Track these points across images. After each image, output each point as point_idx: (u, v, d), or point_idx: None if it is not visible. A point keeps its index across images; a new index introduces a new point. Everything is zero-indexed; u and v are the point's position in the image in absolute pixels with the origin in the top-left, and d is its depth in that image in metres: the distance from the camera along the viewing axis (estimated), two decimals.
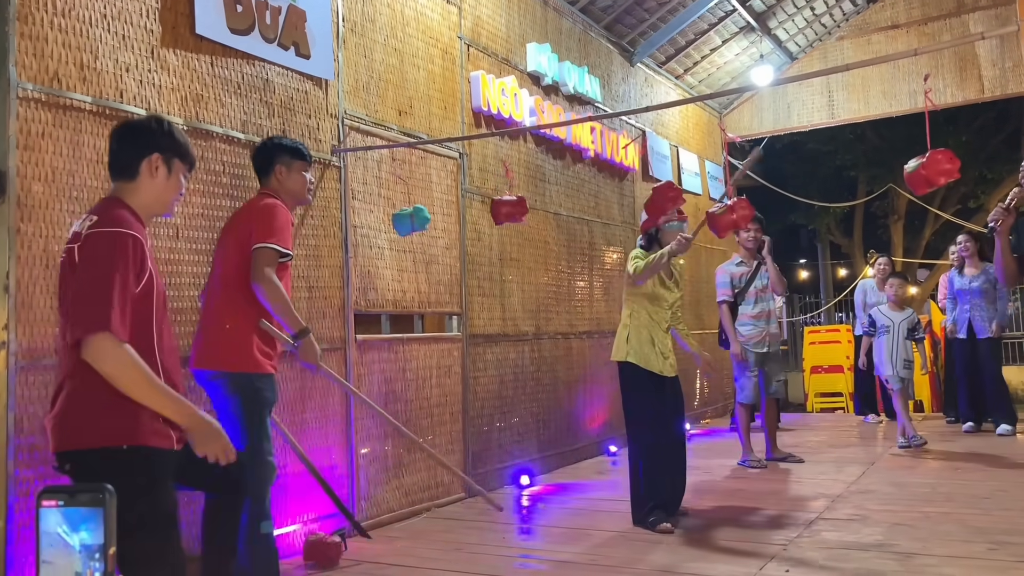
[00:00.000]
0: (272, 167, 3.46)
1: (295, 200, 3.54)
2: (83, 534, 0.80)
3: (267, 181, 3.49)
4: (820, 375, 11.72)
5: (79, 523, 0.80)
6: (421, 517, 4.79)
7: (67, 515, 0.80)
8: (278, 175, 3.46)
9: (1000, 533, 3.87)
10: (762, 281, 6.18)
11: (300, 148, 3.56)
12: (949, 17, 9.07)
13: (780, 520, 4.35)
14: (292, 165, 3.47)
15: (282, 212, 3.31)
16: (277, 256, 3.22)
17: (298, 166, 3.49)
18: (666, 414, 4.44)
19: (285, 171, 3.46)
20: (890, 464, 5.96)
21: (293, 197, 3.50)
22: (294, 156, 3.49)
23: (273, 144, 3.54)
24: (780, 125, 10.13)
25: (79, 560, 0.79)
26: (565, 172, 6.77)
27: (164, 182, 2.38)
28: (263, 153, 3.53)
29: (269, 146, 3.54)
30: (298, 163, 3.49)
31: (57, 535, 0.79)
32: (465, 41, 5.59)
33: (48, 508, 0.80)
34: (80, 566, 0.79)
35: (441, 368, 5.17)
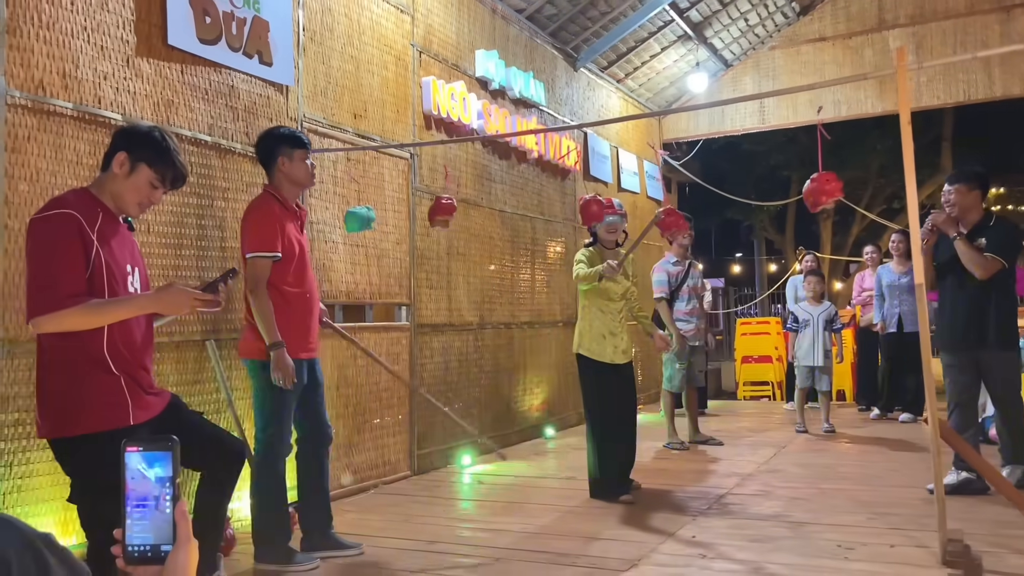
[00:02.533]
0: (275, 159, 3.70)
1: (300, 186, 3.78)
2: (157, 470, 1.18)
3: (272, 173, 3.74)
4: (751, 365, 12.29)
5: (154, 462, 1.18)
6: (369, 493, 5.17)
7: (145, 457, 1.18)
8: (281, 167, 3.69)
9: (881, 506, 4.43)
10: (694, 280, 6.70)
11: (298, 136, 3.78)
12: (871, 32, 9.72)
13: (694, 495, 4.86)
14: (293, 154, 3.69)
15: (257, 215, 3.60)
16: (264, 263, 3.54)
17: (299, 154, 3.71)
18: (618, 398, 4.90)
19: (287, 161, 3.69)
20: (801, 447, 6.54)
21: (298, 184, 3.75)
22: (294, 145, 3.71)
23: (272, 136, 3.77)
24: (715, 129, 10.70)
25: (155, 487, 1.18)
26: (510, 172, 7.18)
27: (124, 180, 2.64)
28: (264, 147, 3.76)
29: (268, 140, 3.76)
30: (298, 151, 3.71)
31: (138, 471, 1.17)
32: (417, 48, 5.95)
33: (131, 452, 1.18)
34: (157, 491, 1.17)
35: (390, 355, 5.55)
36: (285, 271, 3.63)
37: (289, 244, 3.64)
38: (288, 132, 3.83)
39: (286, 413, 3.66)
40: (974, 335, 4.78)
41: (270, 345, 3.53)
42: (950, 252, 4.82)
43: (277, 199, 3.69)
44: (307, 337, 3.74)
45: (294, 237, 3.69)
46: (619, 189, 9.36)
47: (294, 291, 3.67)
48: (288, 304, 3.63)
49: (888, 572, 3.31)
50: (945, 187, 4.90)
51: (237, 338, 4.35)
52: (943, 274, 4.90)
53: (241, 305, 4.37)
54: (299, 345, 3.66)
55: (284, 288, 3.63)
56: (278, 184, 3.73)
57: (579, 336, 4.95)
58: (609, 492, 4.75)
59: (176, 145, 2.74)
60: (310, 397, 3.81)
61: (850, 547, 3.66)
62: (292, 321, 3.64)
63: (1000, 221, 5.06)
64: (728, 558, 3.59)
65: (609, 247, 5.04)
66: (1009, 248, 4.84)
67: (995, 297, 4.76)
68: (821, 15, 9.99)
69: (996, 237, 4.78)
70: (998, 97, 9.33)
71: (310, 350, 3.77)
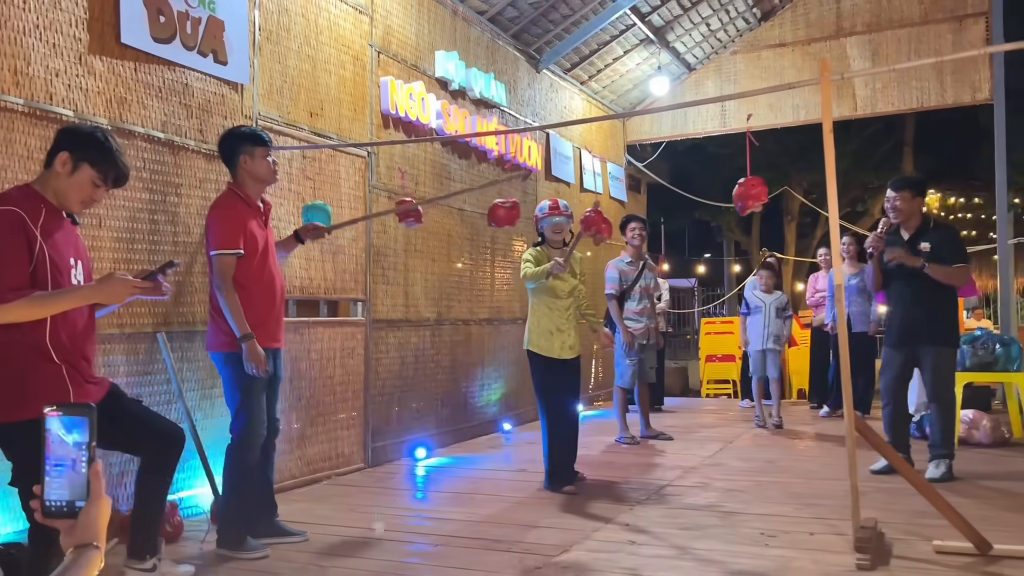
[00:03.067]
0: (237, 158, 3.81)
1: (263, 183, 3.88)
2: (75, 435, 1.31)
3: (234, 172, 3.85)
4: (714, 363, 12.52)
5: (72, 427, 1.31)
6: (321, 484, 5.29)
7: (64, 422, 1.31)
8: (243, 164, 3.80)
9: (812, 497, 4.63)
10: (646, 280, 6.87)
11: (259, 134, 3.90)
12: (829, 39, 9.96)
13: (636, 486, 5.02)
14: (254, 152, 3.80)
15: (220, 213, 3.72)
16: (229, 260, 3.65)
17: (259, 152, 3.82)
18: (564, 392, 5.06)
19: (249, 159, 3.80)
20: (748, 442, 6.74)
21: (261, 181, 3.86)
22: (255, 143, 3.82)
23: (233, 136, 3.88)
24: (677, 131, 10.89)
25: (73, 450, 1.31)
26: (470, 171, 7.31)
27: (67, 179, 2.75)
28: (226, 147, 3.87)
29: (230, 139, 3.86)
30: (259, 149, 3.82)
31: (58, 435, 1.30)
32: (376, 49, 6.06)
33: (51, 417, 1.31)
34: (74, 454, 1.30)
35: (345, 350, 5.66)
36: (248, 266, 3.74)
37: (252, 240, 3.75)
38: (248, 131, 3.95)
39: (257, 401, 3.78)
40: (918, 332, 4.99)
41: (241, 337, 3.65)
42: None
43: (240, 196, 3.80)
44: (272, 328, 3.86)
45: (257, 233, 3.80)
46: (581, 189, 9.52)
47: (258, 285, 3.78)
48: (252, 298, 3.75)
49: (802, 557, 3.48)
50: (889, 193, 5.11)
51: (188, 330, 4.47)
52: (890, 277, 5.12)
53: (192, 298, 4.49)
54: (265, 336, 3.78)
55: (248, 283, 3.75)
56: (241, 181, 3.84)
57: (528, 333, 5.11)
58: (558, 482, 4.91)
59: (118, 145, 2.85)
60: (269, 390, 3.93)
61: (772, 535, 3.84)
62: (258, 314, 3.76)
63: (941, 226, 5.34)
64: (656, 544, 3.75)
65: (556, 247, 5.19)
66: (963, 250, 5.13)
67: (939, 297, 4.96)
68: (781, 21, 10.21)
69: (949, 244, 5.06)
70: (949, 104, 9.60)
71: (276, 340, 3.90)
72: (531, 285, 5.03)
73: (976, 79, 9.30)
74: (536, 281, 4.95)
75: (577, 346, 5.13)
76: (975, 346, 6.03)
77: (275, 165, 3.93)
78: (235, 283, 3.70)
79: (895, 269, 5.06)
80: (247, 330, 3.64)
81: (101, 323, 3.95)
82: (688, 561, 3.49)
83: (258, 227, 3.82)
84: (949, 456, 5.03)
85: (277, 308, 3.92)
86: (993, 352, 6.00)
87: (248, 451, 3.75)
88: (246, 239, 3.72)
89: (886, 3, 9.74)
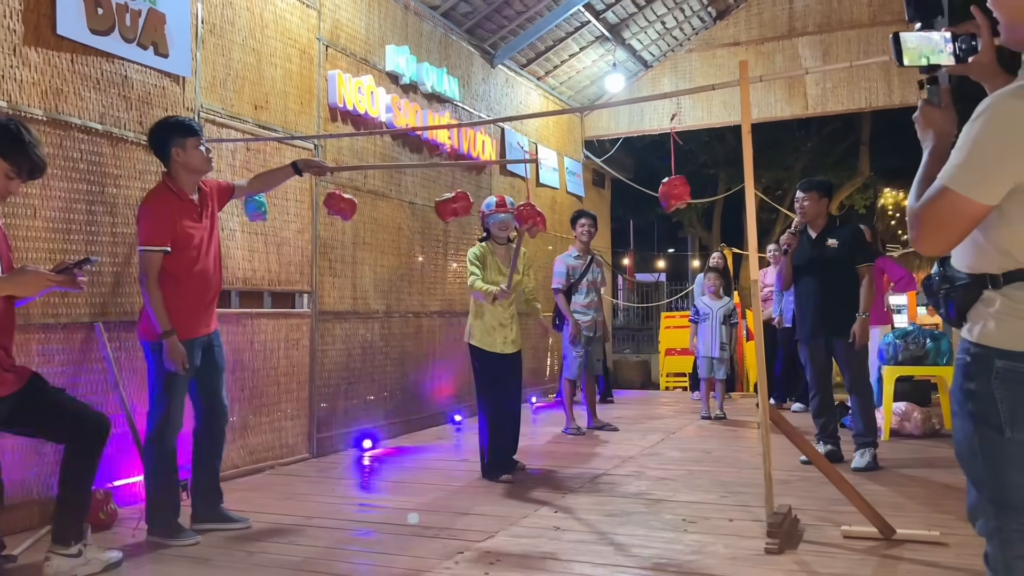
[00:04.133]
0: (168, 150, 3.81)
1: (198, 172, 3.88)
2: None
3: (168, 164, 3.85)
4: (673, 357, 12.69)
5: None
6: (264, 474, 5.35)
7: None
8: (176, 157, 3.81)
9: (738, 486, 4.78)
10: (593, 274, 7.00)
11: (188, 124, 3.89)
12: (782, 39, 10.15)
13: (572, 475, 5.14)
14: (185, 143, 3.80)
15: (148, 210, 3.75)
16: (154, 256, 3.69)
17: (191, 142, 3.81)
18: (505, 385, 5.16)
19: (181, 151, 3.80)
20: (690, 433, 6.90)
21: (195, 171, 3.86)
22: (185, 134, 3.82)
23: (162, 127, 3.87)
24: (634, 127, 11.03)
25: None
26: None
27: None
28: (156, 139, 3.86)
29: (159, 131, 3.86)
30: (190, 139, 3.81)
31: None
32: (324, 42, 6.11)
33: None
34: None
35: (289, 341, 5.72)
36: (180, 259, 3.78)
37: (183, 234, 3.79)
38: (177, 121, 3.95)
39: (177, 393, 3.83)
40: (829, 326, 5.23)
41: (162, 333, 3.70)
42: (807, 255, 5.31)
43: (172, 190, 3.83)
44: (200, 318, 3.90)
45: (190, 226, 3.83)
46: (537, 184, 9.62)
47: (190, 277, 3.82)
48: (184, 290, 3.80)
49: (716, 542, 3.62)
50: (799, 194, 5.37)
51: (127, 320, 4.50)
52: (800, 274, 5.36)
53: (131, 288, 4.53)
54: (193, 325, 3.84)
55: (179, 274, 3.79)
56: (175, 173, 3.86)
57: (470, 327, 5.21)
58: (496, 472, 5.02)
59: (35, 138, 2.89)
60: (208, 377, 4.00)
61: (692, 521, 3.98)
62: (186, 304, 3.81)
63: (845, 224, 5.62)
64: (579, 530, 3.87)
65: (501, 243, 5.28)
66: (867, 249, 5.36)
67: (846, 290, 5.21)
68: (736, 21, 10.38)
69: (855, 242, 5.27)
70: (896, 105, 9.85)
71: (207, 327, 3.95)
72: (477, 296, 5.12)
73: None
74: (482, 298, 5.06)
75: (519, 340, 5.24)
76: (906, 340, 6.23)
77: (209, 154, 3.96)
78: (167, 275, 3.75)
79: (804, 265, 5.31)
80: (168, 326, 3.69)
81: (36, 312, 4.00)
82: (605, 546, 3.61)
83: (192, 220, 3.85)
84: (873, 444, 5.21)
85: (211, 298, 3.97)
86: (924, 346, 6.20)
87: (165, 439, 3.80)
88: (176, 234, 3.76)
89: (836, 5, 9.95)
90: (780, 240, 5.39)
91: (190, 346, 3.81)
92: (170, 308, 3.74)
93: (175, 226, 3.76)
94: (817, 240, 5.32)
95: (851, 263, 5.22)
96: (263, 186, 4.44)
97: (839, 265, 5.22)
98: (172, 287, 3.76)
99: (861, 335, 5.10)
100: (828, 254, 5.23)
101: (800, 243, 5.36)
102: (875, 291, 5.43)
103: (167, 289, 3.76)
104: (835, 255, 5.22)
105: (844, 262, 5.22)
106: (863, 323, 5.11)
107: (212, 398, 4.03)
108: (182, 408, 3.90)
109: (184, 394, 3.90)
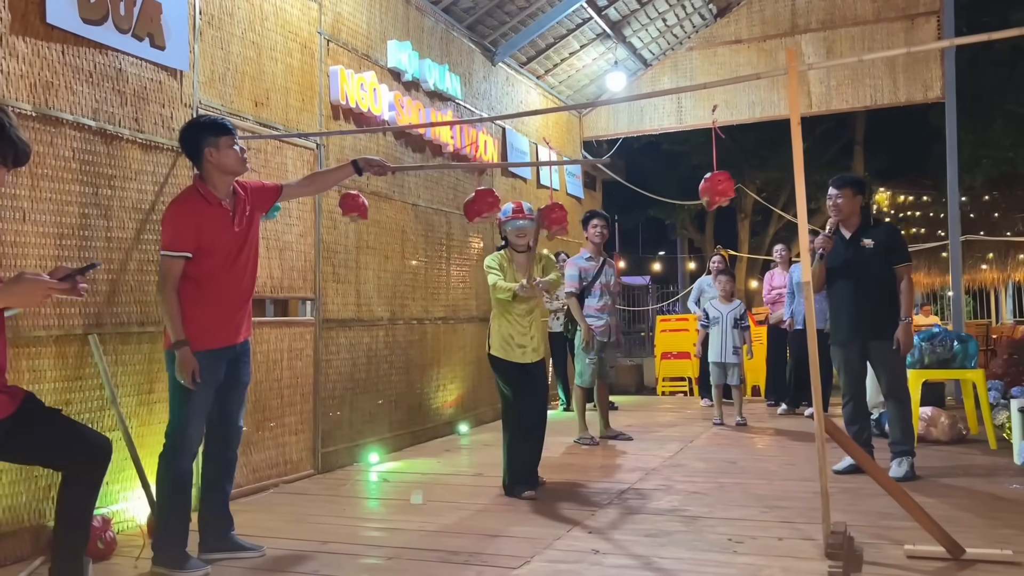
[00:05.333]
0: (201, 151, 3.54)
1: (232, 174, 3.60)
2: None
3: (200, 166, 3.58)
4: (670, 361, 12.45)
5: None
6: (268, 492, 5.03)
7: None
8: (209, 157, 3.53)
9: (775, 499, 4.52)
10: (607, 276, 6.73)
11: (222, 123, 3.61)
12: (784, 36, 9.95)
13: (597, 491, 4.87)
14: (219, 143, 3.52)
15: (173, 213, 3.49)
16: (173, 262, 3.43)
17: (225, 141, 3.53)
18: (527, 397, 4.87)
19: (215, 151, 3.52)
20: (707, 442, 6.65)
21: (229, 172, 3.58)
22: (219, 133, 3.53)
23: (194, 127, 3.61)
24: (634, 127, 10.80)
25: None
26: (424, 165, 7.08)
27: None
28: (188, 140, 3.59)
29: (192, 131, 3.59)
30: (224, 138, 3.53)
31: None
32: (325, 36, 5.81)
33: None
34: None
35: (293, 351, 5.41)
36: (204, 265, 3.50)
37: (209, 241, 3.51)
38: (210, 120, 3.67)
39: (195, 409, 3.53)
40: (864, 329, 5.00)
41: (175, 343, 3.42)
42: (842, 257, 5.07)
43: (201, 193, 3.55)
44: (225, 327, 3.60)
45: (220, 232, 3.54)
46: (538, 186, 9.36)
47: (213, 282, 3.53)
48: (204, 295, 3.51)
49: (773, 565, 3.36)
50: (831, 191, 5.10)
51: (123, 332, 4.19)
52: (835, 276, 5.11)
53: (127, 298, 4.22)
54: (216, 334, 3.55)
55: (202, 280, 3.50)
56: (208, 176, 3.58)
57: (489, 336, 4.94)
58: (519, 488, 4.73)
59: (14, 121, 2.58)
60: (228, 394, 3.68)
61: (740, 540, 3.71)
62: (208, 312, 3.52)
63: (880, 223, 5.38)
64: (620, 554, 3.59)
65: (520, 250, 5.00)
66: (906, 248, 5.14)
67: (883, 293, 4.98)
68: (737, 18, 10.17)
69: (892, 242, 5.04)
70: (902, 103, 9.67)
71: (231, 338, 3.63)
72: (500, 296, 4.85)
73: (928, 77, 9.38)
74: (504, 296, 4.80)
75: (541, 349, 4.97)
76: (932, 343, 6.01)
77: (244, 154, 3.67)
78: (189, 281, 3.48)
79: (839, 266, 5.06)
80: (181, 336, 3.41)
81: (25, 324, 3.68)
82: (653, 572, 3.33)
83: (222, 225, 3.56)
84: (911, 453, 4.98)
85: (237, 306, 3.66)
86: (951, 349, 5.99)
87: (179, 459, 3.50)
88: (201, 241, 3.48)
89: (840, 1, 9.77)
90: (814, 243, 5.13)
91: (211, 357, 3.51)
92: (189, 316, 3.46)
93: (199, 232, 3.49)
94: (851, 240, 5.07)
95: (888, 263, 4.99)
96: (318, 187, 4.18)
97: (875, 266, 4.98)
98: (193, 293, 3.48)
99: (906, 341, 4.87)
100: (864, 255, 4.99)
101: (838, 245, 5.08)
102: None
103: (187, 295, 3.48)
104: (871, 255, 4.98)
105: (880, 262, 4.99)
106: (907, 328, 4.88)
107: (227, 418, 3.71)
108: (201, 427, 3.59)
109: (204, 411, 3.58)
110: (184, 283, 3.48)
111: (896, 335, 4.92)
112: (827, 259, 5.08)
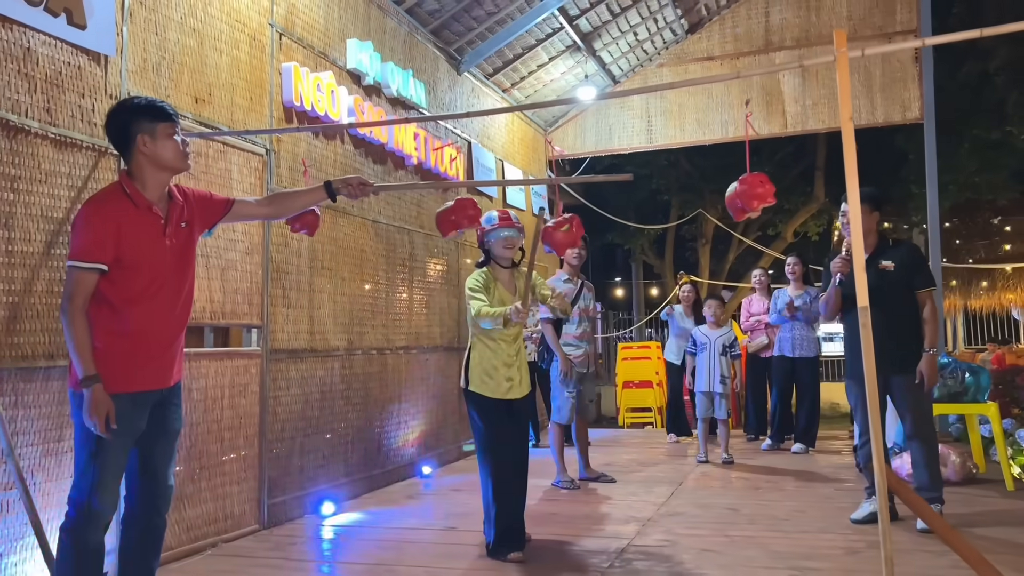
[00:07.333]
0: (132, 140, 2.85)
1: (170, 170, 2.92)
2: None
3: (129, 158, 2.88)
4: (632, 390, 11.95)
5: None
6: (204, 555, 4.25)
7: None
8: (142, 147, 2.84)
9: (800, 558, 3.93)
10: (585, 301, 6.13)
11: (161, 106, 2.91)
12: (758, 54, 9.59)
13: (592, 549, 4.22)
14: (156, 130, 2.85)
15: (85, 215, 2.79)
16: (85, 276, 2.72)
17: (163, 129, 2.86)
18: (511, 438, 4.20)
19: (149, 139, 2.84)
20: (696, 483, 6.05)
21: (167, 167, 2.89)
22: (156, 118, 2.86)
23: (126, 109, 2.90)
24: (602, 146, 10.31)
25: None
26: (386, 178, 6.42)
27: None
28: (117, 125, 2.88)
29: (122, 113, 2.89)
30: (162, 125, 2.86)
31: None
32: (277, 29, 5.13)
33: None
34: None
35: (235, 387, 4.66)
36: (124, 284, 2.79)
37: (133, 252, 2.79)
38: (146, 102, 2.94)
39: (109, 465, 2.78)
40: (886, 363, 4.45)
41: (83, 379, 2.69)
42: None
43: (126, 192, 2.84)
44: (149, 366, 2.87)
45: (144, 242, 2.83)
46: (504, 204, 8.76)
47: (135, 308, 2.81)
48: (122, 323, 2.80)
49: None
50: (843, 208, 4.57)
51: (25, 367, 3.42)
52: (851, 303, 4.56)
53: (32, 325, 3.46)
54: (137, 374, 2.83)
55: (120, 304, 2.79)
56: (138, 171, 2.87)
57: (466, 370, 4.23)
58: (504, 549, 4.04)
59: None
60: (152, 446, 2.95)
61: None
62: (127, 345, 2.81)
63: (902, 243, 4.93)
64: None
65: (505, 266, 4.36)
66: (927, 270, 4.65)
67: (907, 323, 4.48)
68: (709, 34, 9.79)
69: (915, 264, 4.56)
70: (880, 123, 9.37)
71: (158, 380, 2.91)
72: (486, 325, 4.16)
73: (906, 98, 9.10)
74: (492, 324, 4.10)
75: (526, 382, 4.31)
76: (943, 375, 5.54)
77: (186, 146, 2.97)
78: (103, 303, 2.77)
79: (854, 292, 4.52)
80: (91, 371, 2.68)
81: None
82: None
83: (151, 234, 2.85)
84: (939, 500, 4.46)
85: (167, 341, 2.93)
86: (962, 381, 5.53)
87: (86, 531, 2.75)
88: (123, 250, 2.77)
89: (815, 19, 9.48)
90: (831, 267, 4.60)
91: (131, 402, 2.79)
92: (105, 351, 2.74)
93: (120, 239, 2.77)
94: (869, 262, 4.53)
95: (909, 287, 4.49)
96: (279, 210, 3.41)
97: (896, 291, 4.47)
98: (110, 322, 2.77)
99: (931, 374, 4.36)
100: (883, 278, 4.46)
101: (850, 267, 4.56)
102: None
103: (102, 324, 2.76)
104: (891, 279, 4.47)
105: (901, 287, 4.48)
106: (931, 360, 4.37)
107: (152, 476, 2.96)
108: (115, 487, 2.84)
109: (120, 465, 2.84)
110: (99, 308, 2.77)
111: (919, 367, 4.41)
112: (845, 286, 4.55)
